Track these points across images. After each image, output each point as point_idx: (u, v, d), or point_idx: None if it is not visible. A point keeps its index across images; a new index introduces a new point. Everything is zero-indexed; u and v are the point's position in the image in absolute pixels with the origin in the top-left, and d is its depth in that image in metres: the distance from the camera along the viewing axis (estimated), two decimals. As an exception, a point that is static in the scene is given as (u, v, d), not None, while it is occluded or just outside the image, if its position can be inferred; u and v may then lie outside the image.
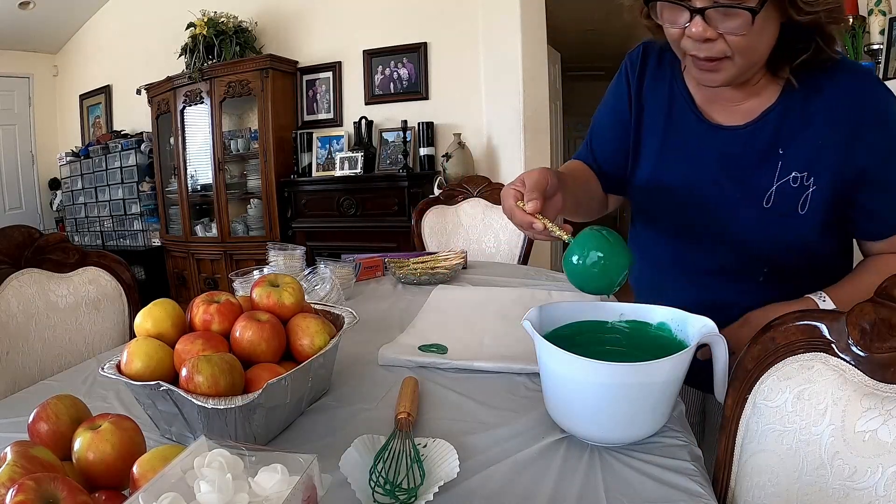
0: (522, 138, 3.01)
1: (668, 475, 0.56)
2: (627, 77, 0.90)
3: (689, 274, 0.89)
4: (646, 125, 0.89)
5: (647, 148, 0.89)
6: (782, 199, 0.77)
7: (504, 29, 2.95)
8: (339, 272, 1.28)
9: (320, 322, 0.73)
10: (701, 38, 0.67)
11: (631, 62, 0.90)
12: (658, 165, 0.87)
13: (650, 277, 0.96)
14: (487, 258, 1.96)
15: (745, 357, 0.62)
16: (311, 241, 3.27)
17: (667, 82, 0.86)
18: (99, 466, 0.46)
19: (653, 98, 0.88)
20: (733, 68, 0.71)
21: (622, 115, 0.91)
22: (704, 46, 0.69)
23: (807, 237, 0.79)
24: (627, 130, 0.91)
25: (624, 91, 0.91)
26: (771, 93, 0.78)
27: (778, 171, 0.77)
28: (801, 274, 0.81)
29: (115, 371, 0.62)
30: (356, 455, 0.57)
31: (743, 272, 0.84)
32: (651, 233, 0.94)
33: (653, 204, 0.91)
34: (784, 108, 0.77)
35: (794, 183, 0.77)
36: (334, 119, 3.49)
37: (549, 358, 0.61)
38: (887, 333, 0.49)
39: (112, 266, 1.17)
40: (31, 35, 4.40)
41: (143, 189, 4.09)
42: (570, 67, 6.56)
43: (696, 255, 0.87)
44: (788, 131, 0.77)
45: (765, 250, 0.81)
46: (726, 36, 0.67)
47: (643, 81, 0.89)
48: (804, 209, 0.77)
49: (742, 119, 0.80)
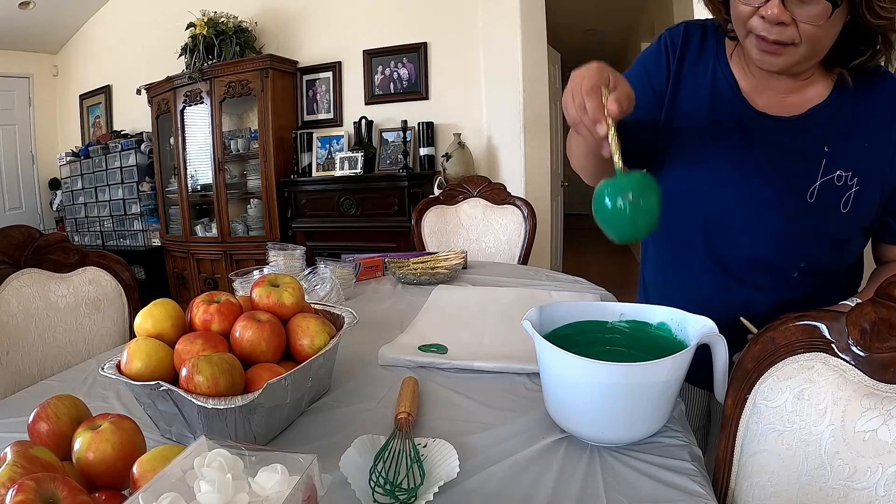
0: (522, 138, 3.01)
1: (668, 475, 0.56)
2: (668, 54, 0.87)
3: (722, 262, 0.86)
4: (683, 107, 0.86)
5: (686, 131, 0.86)
6: (826, 196, 0.77)
7: (504, 29, 2.95)
8: (339, 272, 1.28)
9: (320, 322, 0.73)
10: (776, 20, 0.67)
11: (671, 40, 0.87)
12: (700, 149, 0.85)
13: (675, 262, 0.93)
14: (487, 258, 1.96)
15: (745, 357, 0.62)
16: (311, 241, 3.27)
17: (709, 66, 0.84)
18: (99, 466, 0.46)
19: (692, 81, 0.85)
20: (796, 55, 0.70)
21: (658, 88, 0.87)
22: (776, 29, 0.68)
23: (847, 236, 0.79)
24: (661, 106, 0.87)
25: (664, 67, 0.87)
26: (821, 88, 0.78)
27: (823, 167, 0.77)
28: (835, 272, 0.82)
29: (115, 371, 0.62)
30: (356, 455, 0.57)
31: (778, 266, 0.82)
32: (682, 219, 0.89)
33: (690, 190, 0.87)
34: (835, 106, 0.77)
35: (839, 182, 0.76)
36: (334, 119, 3.49)
37: (549, 358, 0.61)
38: (887, 333, 0.49)
39: (112, 266, 1.17)
40: (31, 35, 4.40)
41: (143, 189, 4.08)
42: (570, 67, 6.55)
43: (731, 244, 0.85)
44: (837, 130, 0.76)
45: (804, 245, 0.80)
46: (799, 23, 0.67)
47: (683, 61, 0.86)
48: (846, 208, 0.77)
49: (789, 111, 0.79)
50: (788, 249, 0.81)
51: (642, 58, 0.91)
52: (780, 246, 0.81)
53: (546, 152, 3.23)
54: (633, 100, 0.66)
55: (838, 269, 0.83)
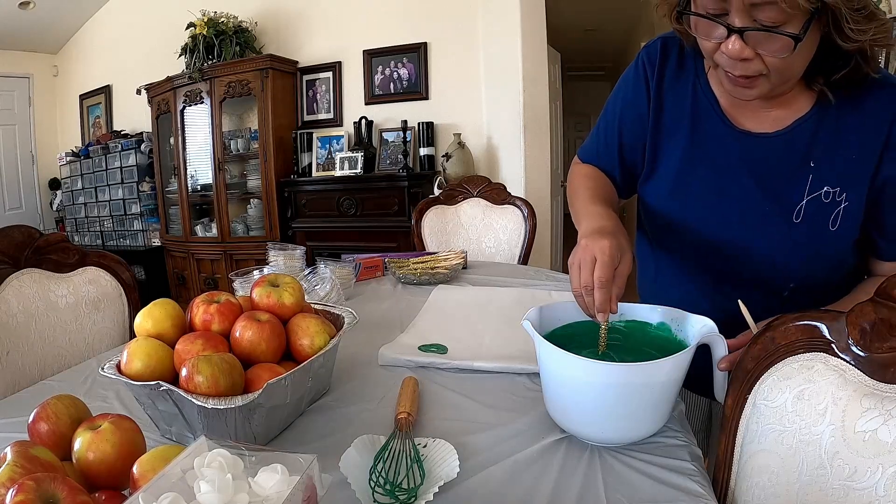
0: (522, 138, 3.01)
1: (668, 475, 0.56)
2: (646, 73, 0.85)
3: (710, 283, 0.85)
4: (666, 127, 0.84)
5: (668, 151, 0.84)
6: (813, 215, 0.74)
7: (504, 29, 2.95)
8: (339, 272, 1.28)
9: (320, 322, 0.73)
10: (738, 56, 0.64)
11: (649, 57, 0.85)
12: (682, 171, 0.83)
13: (664, 284, 0.92)
14: (487, 258, 1.96)
15: (745, 357, 0.62)
16: (311, 241, 3.27)
17: (689, 83, 0.82)
18: (99, 466, 0.46)
19: (673, 99, 0.83)
20: (768, 84, 0.68)
21: (641, 111, 0.86)
22: (741, 65, 0.65)
23: (837, 254, 0.76)
24: (645, 128, 0.86)
25: (642, 87, 0.86)
26: (803, 102, 0.74)
27: (809, 184, 0.74)
28: (827, 290, 0.78)
29: (115, 371, 0.62)
30: (356, 455, 0.57)
31: (768, 286, 0.80)
32: (669, 239, 0.89)
33: (674, 210, 0.86)
34: (817, 119, 0.73)
35: (826, 198, 0.73)
36: (334, 119, 3.49)
37: (549, 358, 0.61)
38: (887, 333, 0.49)
39: (112, 266, 1.17)
40: (31, 35, 4.40)
41: (143, 189, 4.08)
42: (570, 67, 6.56)
43: (719, 265, 0.83)
44: (821, 144, 0.73)
45: (793, 265, 0.77)
46: (764, 57, 0.64)
47: (662, 80, 0.84)
48: (835, 226, 0.73)
49: (772, 126, 0.76)
50: (776, 270, 0.79)
51: (625, 81, 0.90)
52: (768, 268, 0.79)
53: (546, 152, 3.23)
54: (630, 270, 0.68)
55: (831, 286, 0.79)
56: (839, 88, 0.70)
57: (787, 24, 0.60)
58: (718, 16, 0.64)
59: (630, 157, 0.90)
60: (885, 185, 0.71)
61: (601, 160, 0.94)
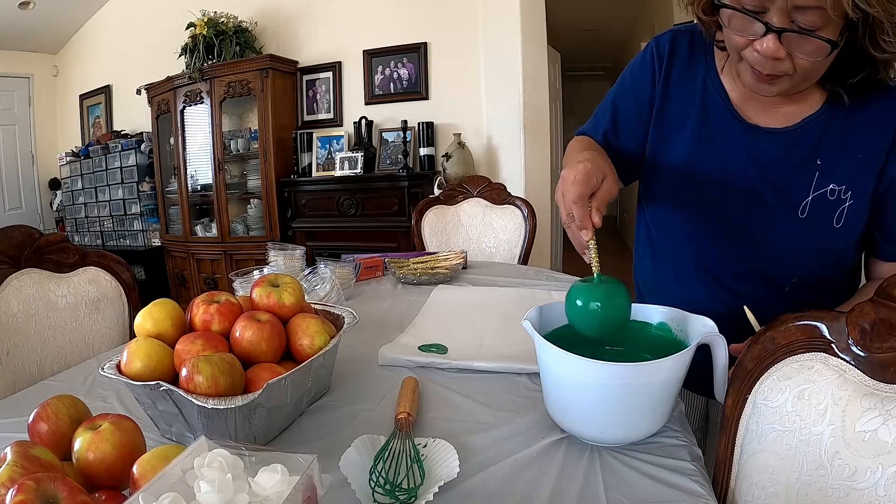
0: (522, 138, 3.01)
1: (668, 475, 0.56)
2: (654, 64, 0.86)
3: (712, 276, 0.85)
4: (673, 117, 0.85)
5: (675, 143, 0.85)
6: (818, 211, 0.75)
7: (504, 29, 2.95)
8: (339, 272, 1.28)
9: (320, 322, 0.73)
10: (772, 55, 0.63)
11: (659, 50, 0.85)
12: (690, 163, 0.83)
13: (664, 276, 0.93)
14: (487, 258, 1.96)
15: (745, 357, 0.62)
16: (311, 241, 3.27)
17: (699, 76, 0.82)
18: (99, 466, 0.46)
19: (681, 91, 0.84)
20: (789, 83, 0.68)
21: (648, 99, 0.87)
22: (771, 63, 0.65)
23: (840, 251, 0.77)
24: (644, 118, 0.87)
25: (648, 77, 0.86)
26: (814, 100, 0.75)
27: (815, 181, 0.74)
28: (829, 286, 0.79)
29: (115, 371, 0.62)
30: (356, 455, 0.57)
31: (771, 279, 0.81)
32: (672, 230, 0.90)
33: (679, 202, 0.87)
34: (827, 118, 0.74)
35: (832, 196, 0.74)
36: (334, 119, 3.49)
37: (549, 358, 0.61)
38: (887, 333, 0.49)
39: (112, 266, 1.17)
40: (31, 35, 4.40)
41: (143, 189, 4.08)
42: (570, 67, 6.56)
43: (722, 257, 0.84)
44: (829, 142, 0.74)
45: (796, 260, 0.78)
46: (795, 58, 0.64)
47: (671, 72, 0.84)
48: (840, 223, 0.74)
49: (781, 122, 0.77)
50: (779, 265, 0.79)
51: (632, 69, 0.90)
52: (771, 262, 0.80)
53: (546, 152, 3.23)
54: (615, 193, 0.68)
55: (833, 282, 0.80)
56: (851, 89, 0.71)
57: (824, 28, 0.60)
58: (757, 13, 0.63)
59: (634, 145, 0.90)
60: (890, 186, 0.72)
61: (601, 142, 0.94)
